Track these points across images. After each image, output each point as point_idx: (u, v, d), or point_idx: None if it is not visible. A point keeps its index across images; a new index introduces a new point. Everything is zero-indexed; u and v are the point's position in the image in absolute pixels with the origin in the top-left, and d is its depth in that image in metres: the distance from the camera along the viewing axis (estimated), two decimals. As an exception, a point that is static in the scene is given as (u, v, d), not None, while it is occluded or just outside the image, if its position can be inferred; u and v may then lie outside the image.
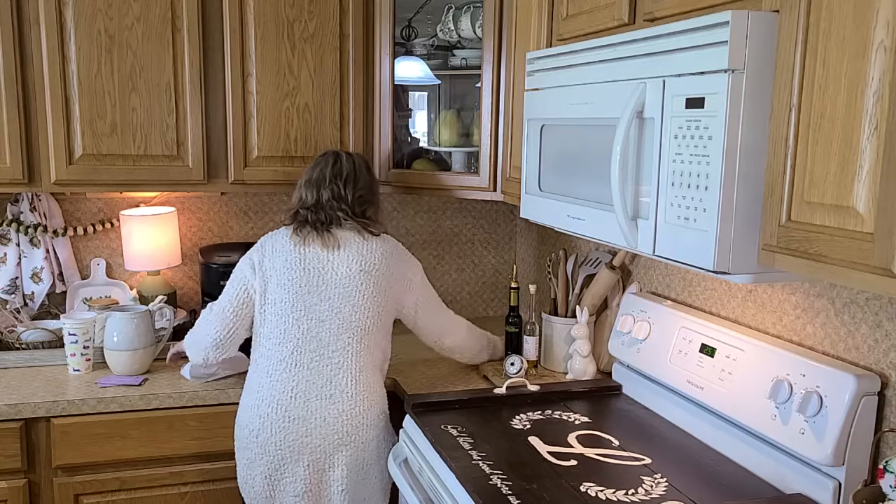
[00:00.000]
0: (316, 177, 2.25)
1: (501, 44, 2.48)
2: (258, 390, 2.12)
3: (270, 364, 2.12)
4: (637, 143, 1.56)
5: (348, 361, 2.11)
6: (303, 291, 2.12)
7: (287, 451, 2.07)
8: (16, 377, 2.36)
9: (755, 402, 1.73)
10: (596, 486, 1.68)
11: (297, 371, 2.10)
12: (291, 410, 2.07)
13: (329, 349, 2.11)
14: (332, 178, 2.23)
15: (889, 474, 1.39)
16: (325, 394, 2.08)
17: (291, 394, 2.08)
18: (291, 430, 2.07)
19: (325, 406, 2.08)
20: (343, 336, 2.12)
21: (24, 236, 2.72)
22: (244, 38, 2.54)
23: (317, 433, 2.07)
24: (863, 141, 1.15)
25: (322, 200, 2.21)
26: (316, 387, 2.09)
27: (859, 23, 1.15)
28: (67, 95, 2.40)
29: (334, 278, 2.14)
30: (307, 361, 2.10)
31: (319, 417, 2.07)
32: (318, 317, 2.12)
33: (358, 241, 2.18)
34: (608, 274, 2.43)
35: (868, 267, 1.15)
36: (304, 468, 2.07)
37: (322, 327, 2.11)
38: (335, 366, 2.10)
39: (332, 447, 2.07)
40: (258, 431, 2.09)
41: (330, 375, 2.10)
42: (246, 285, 2.19)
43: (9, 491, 2.19)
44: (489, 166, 2.55)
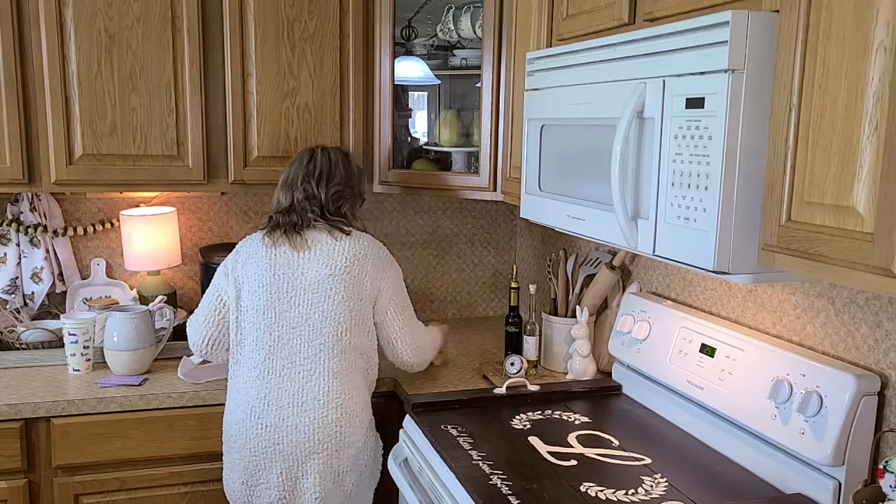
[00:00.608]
0: (290, 178, 2.23)
1: (501, 44, 2.48)
2: (234, 396, 2.12)
3: (245, 370, 2.11)
4: (637, 143, 1.56)
5: (320, 368, 2.06)
6: (273, 298, 2.09)
7: (261, 457, 2.05)
8: (16, 377, 2.36)
9: (755, 402, 1.73)
10: (596, 486, 1.69)
11: (270, 378, 2.07)
12: (264, 417, 2.05)
13: (301, 356, 2.07)
14: (305, 177, 2.20)
15: (889, 474, 1.39)
16: (297, 401, 2.05)
17: (265, 401, 2.06)
18: (264, 436, 2.05)
19: (296, 414, 2.04)
20: (314, 342, 2.07)
21: (24, 236, 2.72)
22: (244, 38, 2.54)
23: (288, 441, 2.04)
24: (863, 141, 1.15)
25: (295, 202, 2.18)
26: (288, 394, 2.05)
27: (859, 23, 1.15)
28: (67, 95, 2.40)
29: (304, 283, 2.10)
30: (279, 369, 2.07)
31: (291, 425, 2.04)
32: (289, 323, 2.08)
33: (328, 243, 2.13)
34: (608, 274, 2.43)
35: (868, 267, 1.15)
36: (277, 476, 2.05)
37: (293, 334, 2.08)
38: (307, 373, 2.06)
39: (304, 455, 2.04)
40: (235, 437, 2.09)
41: (302, 383, 2.06)
42: (220, 293, 2.19)
43: (9, 491, 2.19)
44: (489, 166, 2.55)
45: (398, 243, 3.15)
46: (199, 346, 2.22)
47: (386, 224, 3.13)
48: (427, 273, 3.20)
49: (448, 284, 3.24)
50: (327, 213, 2.18)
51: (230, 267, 2.19)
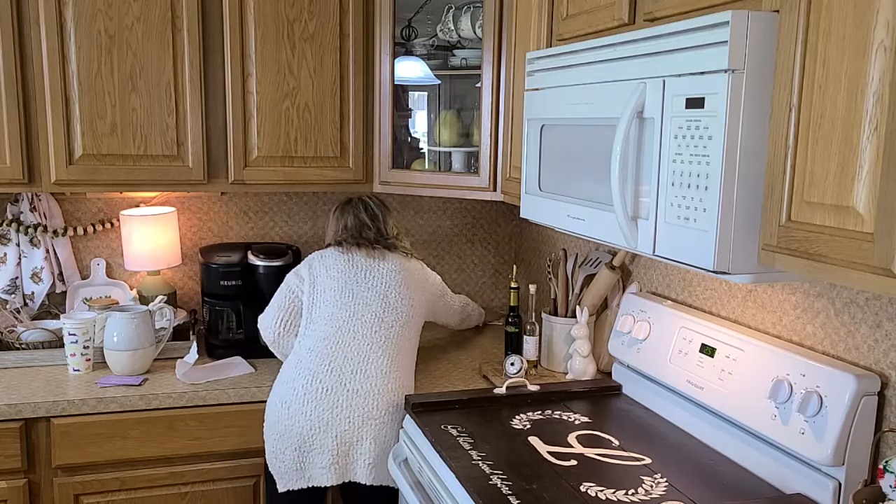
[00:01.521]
0: (352, 224, 2.41)
1: (501, 44, 2.48)
2: (296, 365, 2.20)
3: (313, 342, 2.22)
4: (637, 143, 1.56)
5: (388, 343, 2.23)
6: (351, 281, 2.29)
7: (316, 421, 2.12)
8: (16, 377, 2.36)
9: (755, 402, 1.73)
10: (596, 486, 1.68)
11: (338, 347, 2.20)
12: (325, 381, 2.14)
13: (371, 329, 2.23)
14: (370, 219, 2.42)
15: (889, 474, 1.39)
16: (361, 369, 2.17)
17: (328, 367, 2.16)
18: (323, 400, 2.13)
19: (358, 380, 2.15)
20: (387, 319, 2.25)
21: (24, 236, 2.72)
22: (244, 38, 2.54)
23: (347, 405, 2.12)
24: (863, 141, 1.15)
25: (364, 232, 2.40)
26: (352, 362, 2.17)
27: (859, 23, 1.15)
28: (67, 95, 2.40)
29: (380, 273, 2.32)
30: (349, 339, 2.21)
31: (352, 390, 2.14)
32: (365, 300, 2.26)
33: (398, 258, 2.39)
34: (608, 274, 2.43)
35: (868, 267, 1.15)
36: (333, 439, 2.11)
37: (367, 310, 2.25)
38: (374, 344, 2.21)
39: (361, 420, 2.12)
40: (290, 402, 2.15)
41: (368, 352, 2.19)
42: (291, 287, 2.35)
43: (9, 491, 2.19)
44: (489, 166, 2.55)
45: (398, 243, 3.15)
46: (272, 328, 2.34)
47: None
48: (427, 273, 3.20)
49: (448, 284, 3.22)
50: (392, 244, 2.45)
51: (299, 268, 2.37)
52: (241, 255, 2.65)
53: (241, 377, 2.43)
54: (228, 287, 2.59)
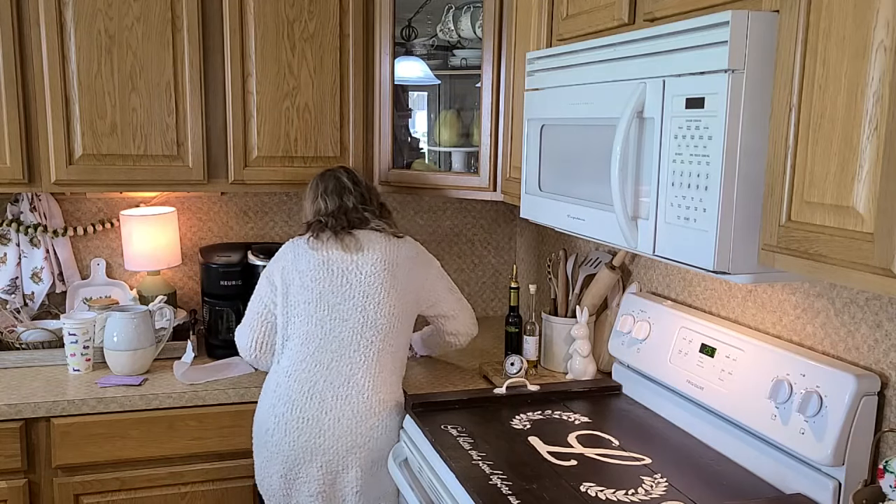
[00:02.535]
0: (334, 186, 2.27)
1: (501, 44, 2.48)
2: (275, 389, 2.12)
3: (291, 364, 2.12)
4: (637, 143, 1.56)
5: (369, 361, 2.11)
6: (326, 292, 2.13)
7: (300, 451, 2.07)
8: (16, 377, 2.36)
9: (755, 402, 1.73)
10: (596, 486, 1.68)
11: (317, 370, 2.10)
12: (306, 410, 2.07)
13: (350, 349, 2.11)
14: (354, 185, 2.28)
15: (889, 474, 1.39)
16: (342, 394, 2.08)
17: (308, 394, 2.08)
18: (305, 430, 2.07)
19: (340, 406, 2.07)
20: (367, 334, 2.12)
21: (24, 236, 2.72)
22: (244, 38, 2.54)
23: (330, 434, 2.06)
24: (863, 141, 1.15)
25: (347, 205, 2.24)
26: (333, 386, 2.08)
27: (859, 23, 1.15)
28: (67, 95, 2.40)
29: (358, 277, 2.14)
30: (327, 361, 2.10)
31: (333, 417, 2.06)
32: (342, 316, 2.12)
33: (382, 241, 2.20)
34: (608, 274, 2.43)
35: (868, 267, 1.15)
36: (318, 469, 2.07)
37: (345, 326, 2.11)
38: (355, 365, 2.10)
39: (346, 449, 2.07)
40: (273, 431, 2.10)
41: (348, 375, 2.09)
42: (263, 298, 2.22)
43: (9, 491, 2.19)
44: (489, 166, 2.55)
45: (398, 243, 3.15)
46: (248, 350, 2.23)
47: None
48: (427, 273, 3.20)
49: (448, 284, 3.23)
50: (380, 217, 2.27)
51: (271, 271, 2.21)
52: (241, 255, 2.65)
53: (240, 377, 2.43)
54: (228, 287, 2.59)
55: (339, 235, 2.18)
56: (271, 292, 2.20)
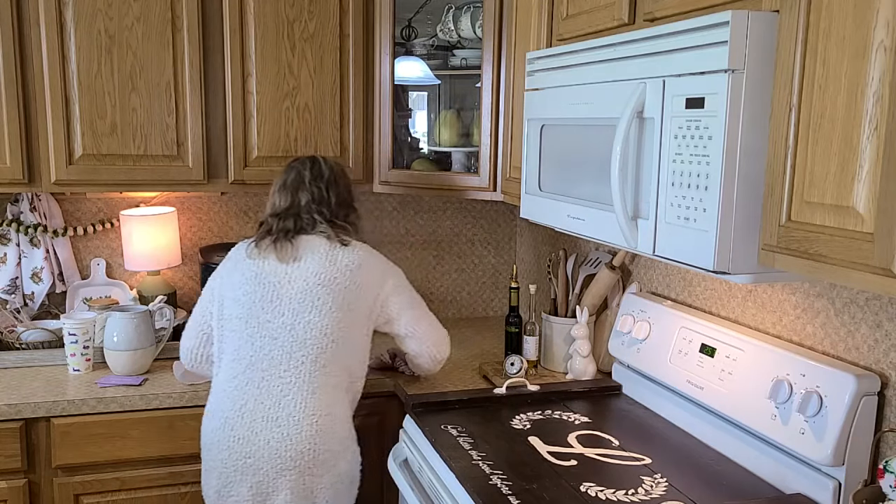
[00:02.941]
0: (292, 179, 2.14)
1: (501, 44, 2.48)
2: (212, 405, 2.06)
3: (226, 380, 2.04)
4: (637, 143, 1.56)
5: (300, 382, 1.97)
6: (256, 308, 2.02)
7: (232, 470, 1.98)
8: (16, 377, 2.36)
9: (755, 402, 1.73)
10: (596, 486, 1.68)
11: (248, 389, 1.99)
12: (237, 429, 1.97)
13: (280, 368, 1.98)
14: (313, 179, 2.13)
15: (889, 474, 1.39)
16: (272, 416, 1.96)
17: (239, 413, 1.98)
18: (236, 449, 1.97)
19: (270, 428, 1.95)
20: (296, 354, 1.98)
21: (24, 236, 2.72)
22: (244, 38, 2.54)
23: (259, 455, 1.95)
24: (863, 141, 1.15)
25: (299, 204, 2.11)
26: (263, 408, 1.97)
27: (859, 23, 1.15)
28: (67, 95, 2.40)
29: (290, 292, 2.01)
30: (258, 380, 1.99)
31: (263, 440, 1.95)
32: (271, 334, 2.00)
33: (323, 251, 2.05)
34: (608, 274, 2.43)
35: (868, 267, 1.15)
36: (248, 490, 1.97)
37: (275, 345, 1.99)
38: (285, 386, 1.97)
39: (275, 472, 1.95)
40: (209, 446, 2.04)
41: (279, 397, 1.97)
42: (205, 305, 2.15)
43: (9, 491, 2.19)
44: (489, 166, 2.55)
45: (398, 243, 3.15)
46: (185, 358, 2.18)
47: (386, 224, 3.13)
48: (427, 273, 3.20)
49: (448, 284, 3.24)
50: (335, 219, 2.12)
51: (213, 278, 2.15)
52: (240, 255, 2.64)
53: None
54: (228, 287, 2.59)
55: (277, 244, 2.06)
56: (209, 302, 2.13)
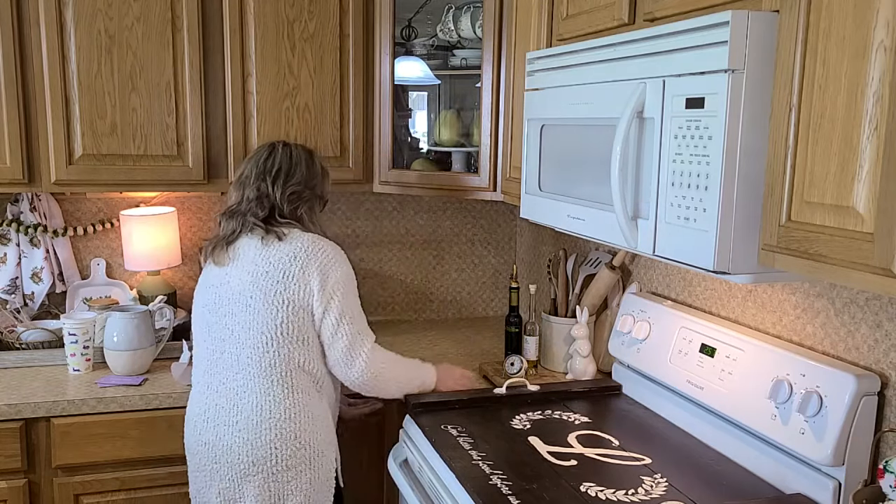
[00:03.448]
0: (244, 174, 2.08)
1: (501, 44, 2.48)
2: (187, 410, 2.07)
3: (194, 385, 2.07)
4: (637, 143, 1.56)
5: (252, 384, 1.93)
6: (206, 311, 2.02)
7: (201, 475, 2.00)
8: (16, 377, 2.36)
9: (755, 402, 1.73)
10: (596, 486, 1.68)
11: (209, 394, 1.99)
12: (204, 434, 1.97)
13: (232, 371, 1.96)
14: (260, 174, 2.05)
15: (889, 474, 1.39)
16: (231, 420, 1.93)
17: (204, 417, 1.98)
18: (204, 454, 1.97)
19: (230, 433, 1.93)
20: (242, 356, 1.94)
21: (24, 236, 2.72)
22: (244, 38, 2.54)
23: (224, 460, 1.94)
24: (863, 141, 1.15)
25: (244, 201, 2.04)
26: (223, 412, 1.95)
27: (859, 23, 1.15)
28: (67, 95, 2.40)
29: (228, 294, 1.98)
30: (216, 384, 1.98)
31: (226, 444, 1.93)
32: (219, 336, 1.98)
33: (254, 249, 1.98)
34: (608, 274, 2.43)
35: (868, 267, 1.15)
36: (216, 495, 1.97)
37: (224, 347, 1.97)
38: (240, 388, 1.94)
39: (240, 476, 1.93)
40: (187, 450, 2.06)
41: (235, 400, 1.94)
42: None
43: (9, 491, 2.19)
44: (489, 166, 2.55)
45: (398, 243, 3.15)
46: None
47: (386, 224, 3.13)
48: (427, 273, 3.20)
49: (448, 284, 3.24)
50: (277, 216, 2.02)
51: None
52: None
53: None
54: (228, 287, 2.59)
55: (215, 250, 2.03)
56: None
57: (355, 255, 3.09)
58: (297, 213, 2.06)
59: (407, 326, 3.09)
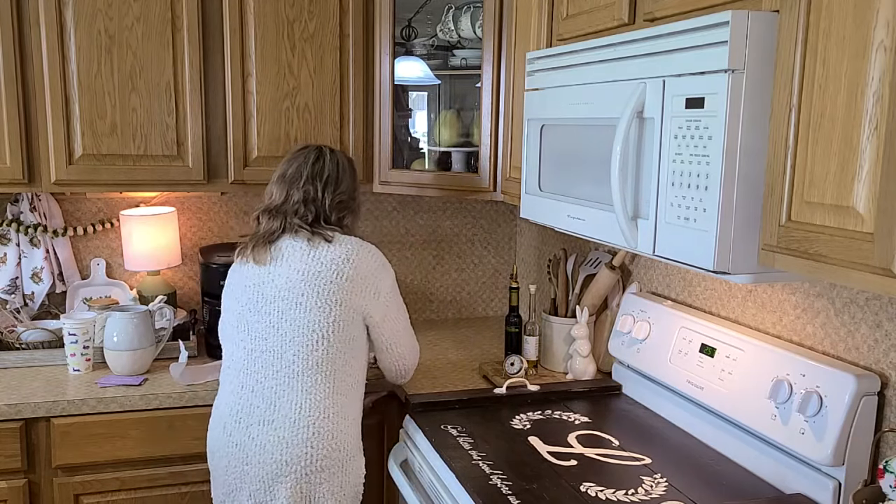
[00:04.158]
0: (291, 173, 2.04)
1: (501, 44, 2.48)
2: (214, 411, 2.05)
3: (224, 385, 2.03)
4: (637, 143, 1.56)
5: (293, 383, 1.91)
6: (244, 310, 1.98)
7: (232, 477, 1.95)
8: (16, 377, 2.36)
9: (755, 402, 1.73)
10: (596, 486, 1.69)
11: (243, 394, 1.95)
12: (235, 435, 1.94)
13: (273, 370, 1.92)
14: (311, 177, 2.03)
15: (889, 474, 1.39)
16: (267, 419, 1.90)
17: (236, 418, 1.94)
18: (235, 455, 1.94)
19: (265, 432, 1.90)
20: (286, 355, 1.92)
21: (24, 236, 2.72)
22: (244, 38, 2.54)
23: (256, 461, 1.90)
24: (863, 141, 1.15)
25: (289, 202, 2.01)
26: (259, 411, 1.92)
27: (859, 23, 1.15)
28: (67, 95, 2.40)
29: (272, 291, 1.94)
30: (252, 384, 1.94)
31: (259, 444, 1.90)
32: (260, 335, 1.94)
33: (304, 248, 1.96)
34: (608, 274, 2.43)
35: (868, 267, 1.15)
36: (247, 498, 1.93)
37: (265, 346, 1.94)
38: (279, 387, 1.91)
39: (272, 478, 1.89)
40: (213, 453, 2.03)
41: (273, 399, 1.91)
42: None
43: (9, 491, 2.19)
44: (489, 166, 2.55)
45: (398, 243, 3.15)
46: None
47: (386, 224, 3.13)
48: (427, 273, 3.20)
49: (448, 284, 3.24)
50: (322, 221, 2.02)
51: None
52: (240, 255, 2.64)
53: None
54: (228, 287, 2.58)
55: (255, 248, 2.00)
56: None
57: (355, 255, 3.09)
58: (343, 222, 2.07)
59: (407, 326, 3.09)
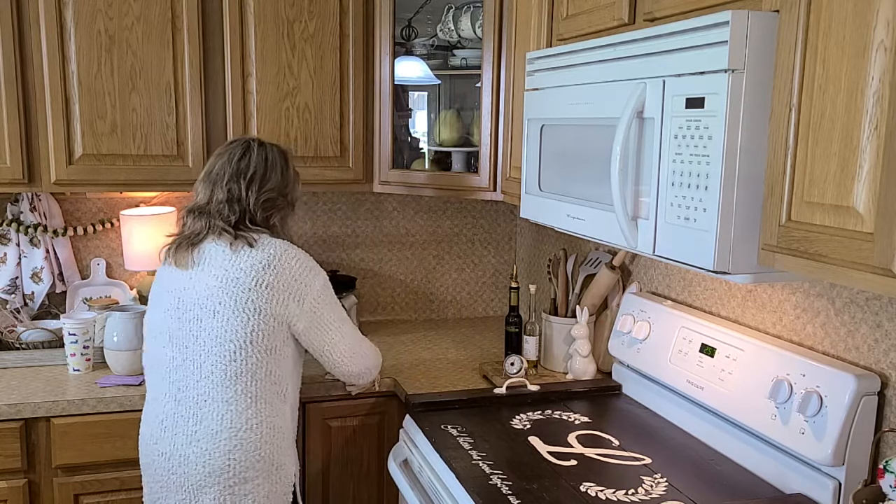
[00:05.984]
0: (215, 171, 1.95)
1: (501, 44, 2.48)
2: (143, 416, 2.00)
3: (149, 390, 1.98)
4: (637, 143, 1.56)
5: (215, 393, 1.85)
6: (166, 317, 1.91)
7: (158, 486, 1.92)
8: (16, 377, 2.36)
9: (755, 401, 1.73)
10: (596, 486, 1.69)
11: (166, 403, 1.90)
12: (160, 444, 1.89)
13: (193, 379, 1.86)
14: (235, 175, 1.93)
15: (889, 474, 1.39)
16: (190, 430, 1.85)
17: (160, 427, 1.89)
18: (160, 464, 1.90)
19: (188, 444, 1.85)
20: (206, 364, 1.85)
21: (24, 236, 2.72)
22: (244, 38, 2.54)
23: (181, 472, 1.86)
24: (863, 141, 1.15)
25: (213, 202, 1.92)
26: (183, 421, 1.86)
27: (859, 23, 1.15)
28: (67, 95, 2.40)
29: (192, 298, 1.87)
30: (174, 392, 1.88)
31: (183, 455, 1.86)
32: (181, 343, 1.88)
33: (223, 255, 1.88)
34: (608, 274, 2.43)
35: (868, 267, 1.15)
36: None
37: (186, 355, 1.87)
38: (201, 397, 1.85)
39: (196, 488, 1.85)
40: (142, 458, 1.99)
41: (195, 409, 1.86)
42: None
43: (9, 491, 2.19)
44: (489, 166, 2.55)
45: (398, 243, 3.15)
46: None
47: (386, 224, 3.13)
48: (427, 273, 3.21)
49: (448, 284, 3.24)
50: (248, 222, 1.92)
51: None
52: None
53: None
54: (228, 287, 2.58)
55: (177, 251, 1.92)
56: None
57: (355, 255, 3.10)
58: (270, 222, 1.97)
59: (407, 326, 3.09)
